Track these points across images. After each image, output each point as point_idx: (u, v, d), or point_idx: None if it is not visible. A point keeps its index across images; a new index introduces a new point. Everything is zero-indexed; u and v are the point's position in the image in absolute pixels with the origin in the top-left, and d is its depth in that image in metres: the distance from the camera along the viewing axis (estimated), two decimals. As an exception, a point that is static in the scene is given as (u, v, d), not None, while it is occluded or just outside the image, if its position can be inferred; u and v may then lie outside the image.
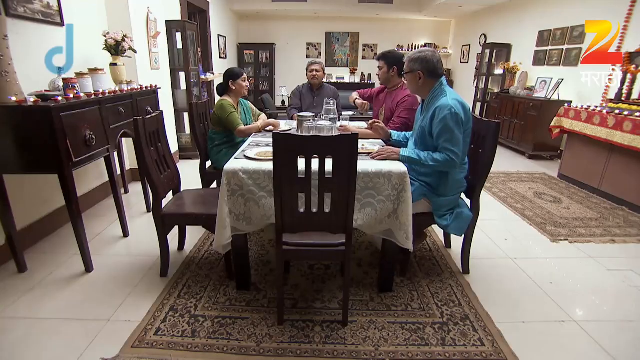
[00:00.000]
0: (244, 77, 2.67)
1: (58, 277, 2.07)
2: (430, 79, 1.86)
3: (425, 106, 1.92)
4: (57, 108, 1.79)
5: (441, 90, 1.85)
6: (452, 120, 1.73)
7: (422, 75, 1.85)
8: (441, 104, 1.76)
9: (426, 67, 1.84)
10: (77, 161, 1.95)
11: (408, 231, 1.71)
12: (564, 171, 4.05)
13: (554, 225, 2.84)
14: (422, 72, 1.85)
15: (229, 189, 1.69)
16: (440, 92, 1.85)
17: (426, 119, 1.85)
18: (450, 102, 1.75)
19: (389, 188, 1.70)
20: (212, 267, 2.18)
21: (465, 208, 2.02)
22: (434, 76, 1.86)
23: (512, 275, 2.19)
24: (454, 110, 1.73)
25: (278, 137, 1.37)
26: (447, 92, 1.82)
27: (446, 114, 1.73)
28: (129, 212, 2.94)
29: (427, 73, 1.85)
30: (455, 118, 1.73)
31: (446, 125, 1.74)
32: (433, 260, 2.32)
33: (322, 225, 1.56)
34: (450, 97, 1.78)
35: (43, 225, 2.46)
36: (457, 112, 1.73)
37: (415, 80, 1.89)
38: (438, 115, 1.76)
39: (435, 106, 1.79)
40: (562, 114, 3.94)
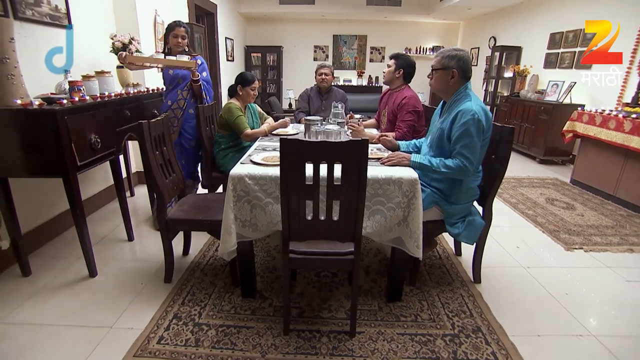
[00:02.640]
0: (254, 86, 2.63)
1: (62, 282, 2.05)
2: (462, 80, 1.80)
3: (446, 108, 1.86)
4: (62, 111, 1.77)
5: (465, 94, 1.79)
6: (474, 126, 1.67)
7: (456, 74, 1.77)
8: (464, 108, 1.70)
9: (462, 67, 1.77)
10: (82, 165, 1.93)
11: (418, 239, 1.66)
12: (576, 176, 3.96)
13: (567, 233, 2.76)
14: (457, 71, 1.77)
15: (235, 194, 1.66)
16: (464, 95, 1.78)
17: (447, 121, 1.78)
18: (474, 107, 1.69)
19: (399, 195, 1.64)
20: (217, 274, 2.14)
21: (477, 216, 1.95)
22: (465, 78, 1.80)
23: (525, 284, 2.12)
24: (477, 116, 1.67)
25: (285, 143, 1.33)
26: (471, 97, 1.77)
27: (468, 119, 1.67)
28: (135, 216, 2.92)
29: (462, 73, 1.78)
30: (477, 124, 1.67)
31: (467, 130, 1.68)
32: (443, 269, 2.25)
33: (330, 233, 1.52)
34: (475, 103, 1.72)
35: (48, 228, 2.44)
36: (479, 118, 1.67)
37: (446, 79, 1.80)
38: (460, 119, 1.70)
39: (457, 109, 1.73)
40: (576, 117, 3.85)
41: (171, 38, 2.63)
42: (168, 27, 2.65)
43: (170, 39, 2.64)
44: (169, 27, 2.65)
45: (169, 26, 2.65)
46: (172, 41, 2.64)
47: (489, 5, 6.68)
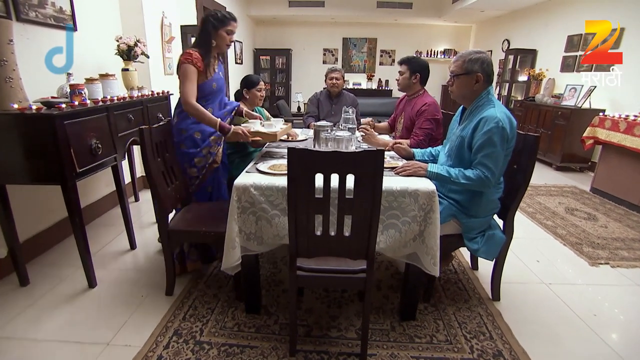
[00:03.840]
0: (260, 87, 2.53)
1: (59, 293, 1.97)
2: (485, 84, 1.67)
3: (467, 115, 1.74)
4: (61, 116, 1.69)
5: (488, 99, 1.66)
6: (498, 135, 1.55)
7: (481, 78, 1.65)
8: (488, 115, 1.58)
9: (486, 70, 1.65)
10: (81, 171, 1.85)
11: (435, 256, 1.54)
12: (597, 185, 3.78)
13: (591, 246, 2.60)
14: (481, 75, 1.65)
15: (239, 205, 1.56)
16: (487, 101, 1.66)
17: (467, 129, 1.66)
18: (498, 115, 1.56)
19: (415, 208, 1.53)
20: (221, 286, 2.04)
21: (497, 230, 1.82)
22: (488, 82, 1.68)
23: (549, 303, 1.98)
24: (501, 125, 1.55)
25: (293, 153, 1.22)
26: (495, 103, 1.64)
27: (492, 127, 1.55)
28: (139, 222, 2.85)
29: (486, 77, 1.66)
30: (501, 133, 1.55)
31: (490, 139, 1.55)
32: (459, 284, 2.12)
33: (341, 250, 1.41)
34: (499, 110, 1.60)
35: (47, 236, 2.37)
36: (503, 126, 1.55)
37: (470, 84, 1.67)
38: (482, 127, 1.58)
39: (480, 116, 1.61)
40: (597, 123, 3.67)
41: (224, 34, 2.02)
42: (217, 19, 2.00)
43: (223, 36, 2.03)
44: (219, 20, 2.00)
45: (219, 19, 2.00)
46: (225, 39, 2.04)
47: (502, 8, 6.53)
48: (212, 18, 2.01)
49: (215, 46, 2.06)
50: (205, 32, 2.02)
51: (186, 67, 1.94)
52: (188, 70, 1.94)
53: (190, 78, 1.94)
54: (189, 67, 1.94)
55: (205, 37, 2.02)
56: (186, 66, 1.94)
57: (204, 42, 2.03)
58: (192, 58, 1.94)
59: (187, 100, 1.94)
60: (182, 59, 1.96)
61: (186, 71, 1.94)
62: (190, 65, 1.94)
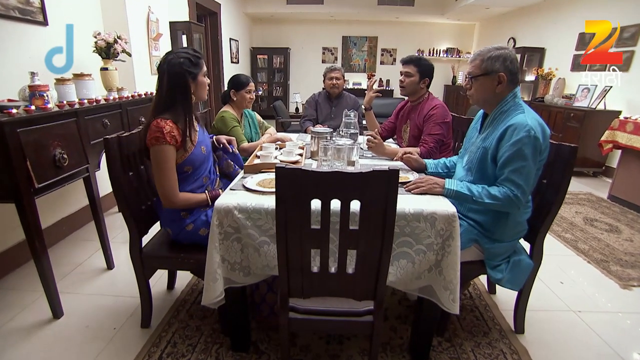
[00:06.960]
0: (250, 88, 2.25)
1: (20, 324, 1.71)
2: (510, 85, 1.41)
3: (489, 122, 1.48)
4: (12, 123, 1.44)
5: (515, 103, 1.40)
6: (529, 146, 1.29)
7: (504, 78, 1.39)
8: (517, 123, 1.32)
9: (509, 69, 1.38)
10: (41, 187, 1.59)
11: (455, 291, 1.28)
12: (616, 192, 3.53)
13: (619, 264, 2.35)
14: (504, 75, 1.38)
15: (221, 231, 1.30)
16: (513, 106, 1.40)
17: (491, 138, 1.40)
18: (529, 122, 1.30)
19: (431, 235, 1.27)
20: (205, 316, 1.79)
21: (523, 254, 1.56)
22: (514, 83, 1.41)
23: (580, 337, 1.72)
24: (534, 134, 1.29)
25: (282, 173, 0.96)
26: (524, 108, 1.38)
27: (522, 137, 1.29)
28: (120, 236, 2.59)
29: (510, 76, 1.39)
30: (533, 144, 1.29)
31: (520, 150, 1.30)
32: (476, 312, 1.87)
33: (343, 290, 1.15)
34: (529, 116, 1.34)
35: (11, 256, 2.10)
36: (536, 135, 1.29)
37: (491, 86, 1.41)
38: (511, 137, 1.32)
39: (507, 124, 1.35)
40: (616, 127, 3.42)
41: (202, 80, 1.53)
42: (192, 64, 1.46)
43: (202, 82, 1.53)
44: (194, 64, 1.47)
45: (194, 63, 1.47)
46: (204, 85, 1.55)
47: (508, 4, 6.28)
48: (186, 65, 1.43)
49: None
50: (182, 87, 1.44)
51: (158, 150, 1.38)
52: (162, 156, 1.38)
53: (168, 165, 1.40)
54: (162, 150, 1.38)
55: (183, 93, 1.45)
56: (158, 149, 1.38)
57: (181, 100, 1.44)
58: (164, 135, 1.36)
59: (170, 199, 1.44)
60: (150, 140, 1.38)
61: (160, 157, 1.38)
62: (164, 146, 1.38)
